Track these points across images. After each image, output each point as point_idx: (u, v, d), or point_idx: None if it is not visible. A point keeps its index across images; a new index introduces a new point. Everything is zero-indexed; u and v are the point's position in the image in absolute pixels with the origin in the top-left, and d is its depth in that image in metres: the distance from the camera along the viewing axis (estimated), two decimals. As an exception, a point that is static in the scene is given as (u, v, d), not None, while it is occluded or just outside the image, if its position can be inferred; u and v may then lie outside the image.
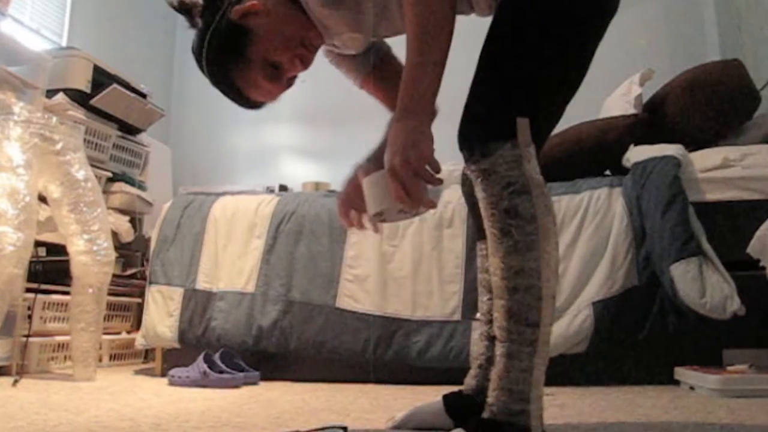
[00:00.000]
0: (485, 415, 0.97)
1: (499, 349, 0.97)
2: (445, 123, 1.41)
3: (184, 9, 1.17)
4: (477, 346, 1.27)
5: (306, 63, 1.19)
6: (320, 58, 1.41)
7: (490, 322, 1.22)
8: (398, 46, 1.22)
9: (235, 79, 1.17)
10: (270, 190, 3.39)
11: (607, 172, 2.44)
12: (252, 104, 1.22)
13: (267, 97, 1.21)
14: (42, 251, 2.40)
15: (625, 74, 2.66)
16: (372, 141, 1.43)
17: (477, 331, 1.23)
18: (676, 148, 2.18)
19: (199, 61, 1.17)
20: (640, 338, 2.00)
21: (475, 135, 1.01)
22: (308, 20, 1.17)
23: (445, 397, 1.30)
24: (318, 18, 1.17)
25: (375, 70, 1.35)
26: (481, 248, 1.28)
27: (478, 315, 1.25)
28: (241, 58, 1.14)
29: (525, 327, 0.95)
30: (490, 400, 0.96)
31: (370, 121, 1.63)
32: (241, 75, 1.16)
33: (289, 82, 1.20)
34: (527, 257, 0.95)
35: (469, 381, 1.29)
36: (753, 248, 1.68)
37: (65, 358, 2.46)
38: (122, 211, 2.99)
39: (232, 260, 2.38)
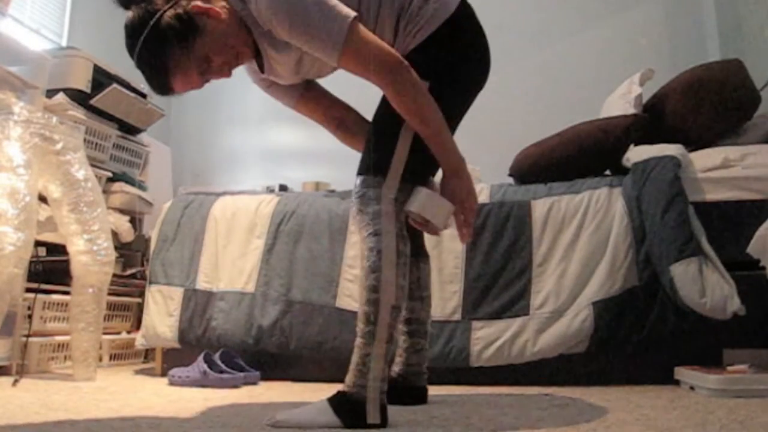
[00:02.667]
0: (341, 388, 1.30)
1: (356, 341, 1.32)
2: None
3: None
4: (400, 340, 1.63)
5: (229, 72, 1.39)
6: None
7: (404, 321, 1.61)
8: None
9: (169, 61, 1.29)
10: (270, 190, 3.39)
11: (607, 172, 2.44)
12: (166, 89, 1.35)
13: (185, 87, 1.37)
14: (42, 251, 2.40)
15: (625, 74, 2.66)
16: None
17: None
18: (676, 148, 2.17)
19: (137, 34, 1.27)
20: (640, 338, 2.00)
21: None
22: (249, 39, 1.37)
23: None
24: (266, 54, 1.40)
25: (306, 93, 1.62)
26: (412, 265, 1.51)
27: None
28: (186, 46, 1.29)
29: (368, 325, 1.29)
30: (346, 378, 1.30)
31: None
32: (177, 60, 1.30)
33: (205, 81, 1.38)
34: (373, 277, 1.29)
35: (393, 368, 1.61)
36: (753, 248, 1.68)
37: (65, 358, 2.46)
38: (122, 211, 2.99)
39: (232, 260, 2.38)
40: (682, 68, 2.52)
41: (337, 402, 1.29)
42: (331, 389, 1.33)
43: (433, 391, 1.91)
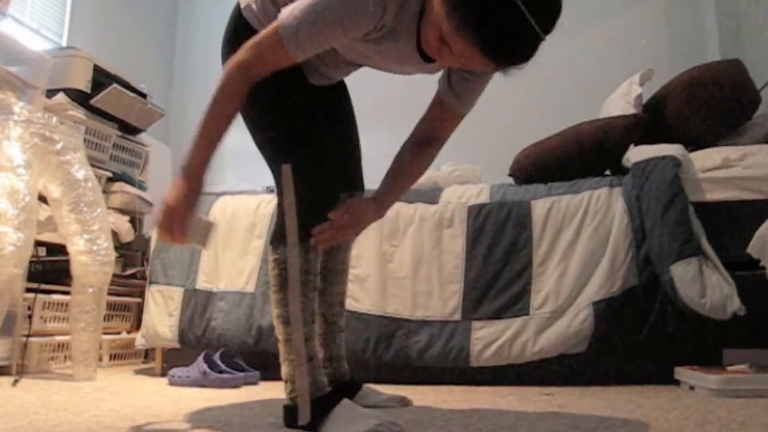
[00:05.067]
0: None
1: None
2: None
3: None
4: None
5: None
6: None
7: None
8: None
9: None
10: (270, 190, 3.38)
11: (607, 172, 2.44)
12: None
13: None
14: (42, 251, 2.40)
15: (625, 74, 2.66)
16: (370, 142, 1.45)
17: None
18: (676, 148, 2.18)
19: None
20: (640, 338, 2.00)
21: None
22: None
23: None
24: None
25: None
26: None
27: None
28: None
29: (285, 334, 1.34)
30: None
31: (368, 122, 1.64)
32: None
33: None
34: (279, 297, 1.33)
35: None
36: (753, 248, 1.68)
37: (65, 358, 2.45)
38: (122, 211, 2.99)
39: (232, 260, 2.38)
40: (682, 68, 2.52)
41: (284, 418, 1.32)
42: (331, 389, 1.33)
43: (433, 391, 1.92)
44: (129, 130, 3.19)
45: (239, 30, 1.39)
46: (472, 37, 1.04)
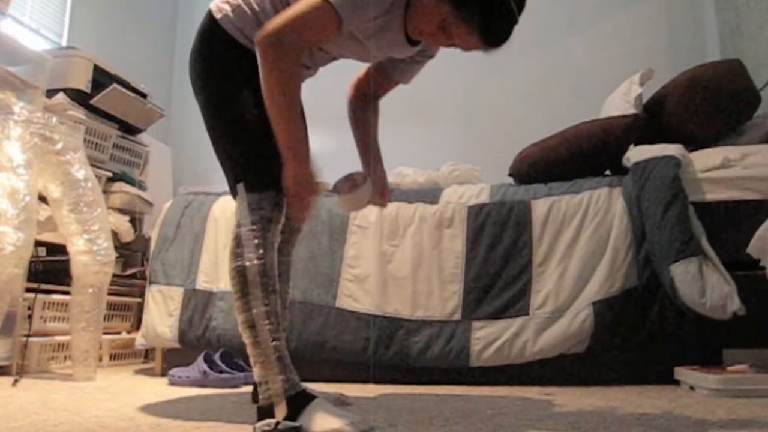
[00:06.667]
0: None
1: None
2: (446, 126, 1.43)
3: None
4: None
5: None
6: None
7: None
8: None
9: None
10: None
11: (607, 172, 2.44)
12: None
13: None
14: (42, 251, 2.40)
15: (625, 74, 2.67)
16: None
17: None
18: (676, 148, 2.18)
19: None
20: (640, 338, 2.00)
21: None
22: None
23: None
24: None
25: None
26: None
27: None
28: None
29: (252, 337, 1.33)
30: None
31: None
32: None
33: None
34: (241, 303, 1.34)
35: None
36: (753, 248, 1.68)
37: (65, 358, 2.46)
38: (122, 211, 2.99)
39: (232, 260, 2.38)
40: (682, 68, 2.52)
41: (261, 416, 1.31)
42: (331, 388, 1.33)
43: (433, 391, 1.92)
44: (129, 130, 3.19)
45: (215, 39, 1.46)
46: (476, 24, 1.28)
